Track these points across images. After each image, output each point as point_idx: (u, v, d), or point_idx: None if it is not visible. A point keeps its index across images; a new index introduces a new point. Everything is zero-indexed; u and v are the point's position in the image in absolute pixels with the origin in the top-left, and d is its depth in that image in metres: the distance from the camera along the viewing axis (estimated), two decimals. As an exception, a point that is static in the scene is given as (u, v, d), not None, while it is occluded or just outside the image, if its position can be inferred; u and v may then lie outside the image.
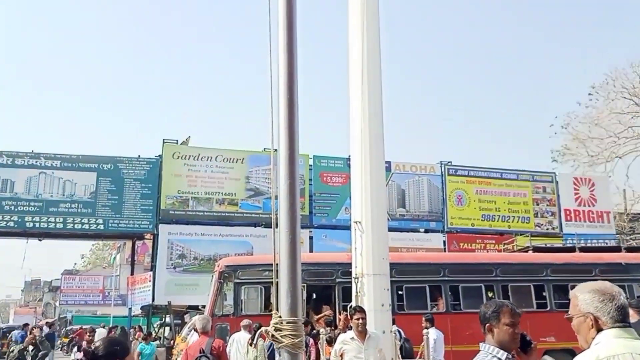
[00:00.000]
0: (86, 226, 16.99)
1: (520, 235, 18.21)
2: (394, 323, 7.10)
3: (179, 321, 17.59)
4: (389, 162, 18.84)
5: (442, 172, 20.44)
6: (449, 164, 20.66)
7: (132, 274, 18.85)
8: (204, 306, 12.17)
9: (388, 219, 8.25)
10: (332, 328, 9.10)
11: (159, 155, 18.01)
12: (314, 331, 8.86)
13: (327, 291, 11.05)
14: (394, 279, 7.87)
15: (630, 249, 13.84)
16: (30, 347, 10.71)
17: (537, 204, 21.16)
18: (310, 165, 19.12)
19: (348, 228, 8.68)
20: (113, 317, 21.59)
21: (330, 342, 7.14)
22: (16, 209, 16.57)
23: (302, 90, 2.37)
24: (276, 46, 2.35)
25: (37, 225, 16.69)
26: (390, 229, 9.99)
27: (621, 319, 2.04)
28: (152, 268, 17.34)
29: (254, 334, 8.35)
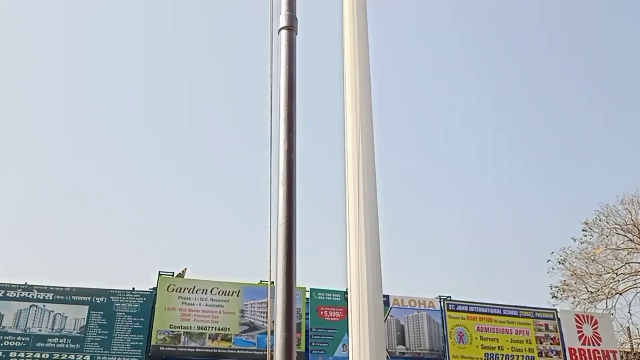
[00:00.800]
0: (72, 363, 16.26)
1: (526, 376, 17.46)
2: None
3: None
4: (387, 296, 18.52)
5: (441, 307, 20.02)
6: (448, 298, 20.30)
7: (115, 416, 17.69)
8: None
9: (388, 358, 7.94)
10: None
11: (153, 288, 17.72)
12: None
13: None
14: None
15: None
16: None
17: (541, 342, 20.49)
18: (307, 299, 18.74)
19: (345, 366, 8.35)
20: None
21: None
22: (1, 344, 15.98)
23: (299, 221, 2.44)
24: (277, 185, 2.47)
25: (21, 361, 15.99)
26: (390, 368, 9.61)
27: None
28: (138, 410, 16.33)
29: None
